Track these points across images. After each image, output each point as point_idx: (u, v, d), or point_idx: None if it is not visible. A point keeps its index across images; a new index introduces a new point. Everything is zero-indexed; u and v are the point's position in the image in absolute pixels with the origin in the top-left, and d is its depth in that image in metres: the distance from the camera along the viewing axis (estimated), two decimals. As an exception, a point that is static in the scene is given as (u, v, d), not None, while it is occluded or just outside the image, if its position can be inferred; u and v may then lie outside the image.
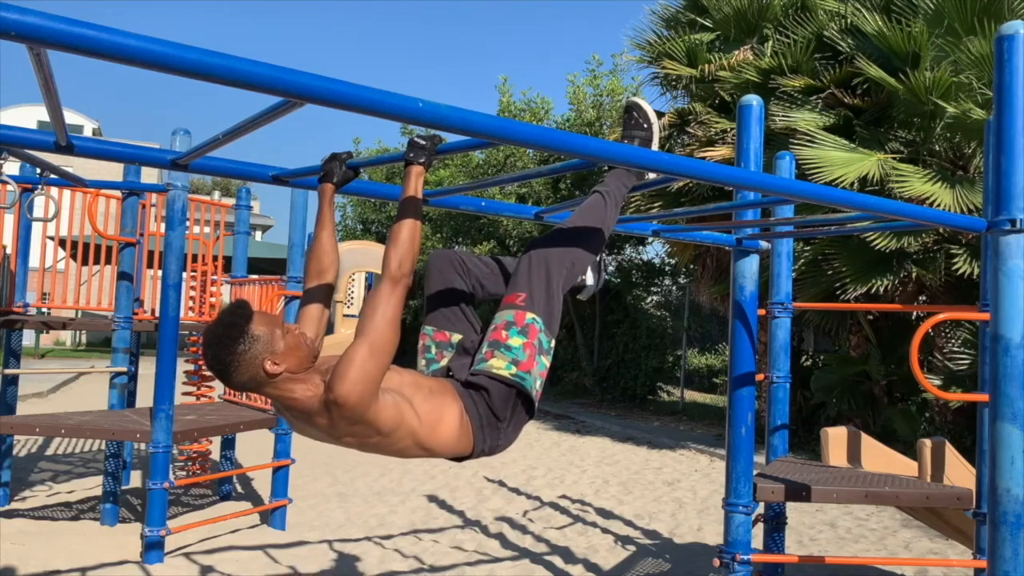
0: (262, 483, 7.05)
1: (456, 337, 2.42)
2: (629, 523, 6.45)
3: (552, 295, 2.35)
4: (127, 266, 6.13)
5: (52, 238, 7.47)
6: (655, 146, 2.66)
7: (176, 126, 5.95)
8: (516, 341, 2.25)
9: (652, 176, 2.64)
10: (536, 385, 2.26)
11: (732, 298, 3.35)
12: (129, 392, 6.58)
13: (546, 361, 2.31)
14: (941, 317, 3.07)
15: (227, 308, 1.99)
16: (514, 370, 2.22)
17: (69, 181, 4.25)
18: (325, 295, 2.28)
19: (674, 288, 17.02)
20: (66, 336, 29.14)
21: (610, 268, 15.78)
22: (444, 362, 2.39)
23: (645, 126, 2.67)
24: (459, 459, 2.25)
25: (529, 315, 2.29)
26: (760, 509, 4.38)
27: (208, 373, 7.14)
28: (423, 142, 2.16)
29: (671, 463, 9.27)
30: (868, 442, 4.43)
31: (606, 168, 2.64)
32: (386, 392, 2.00)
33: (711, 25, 10.26)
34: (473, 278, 2.53)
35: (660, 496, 7.48)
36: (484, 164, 16.28)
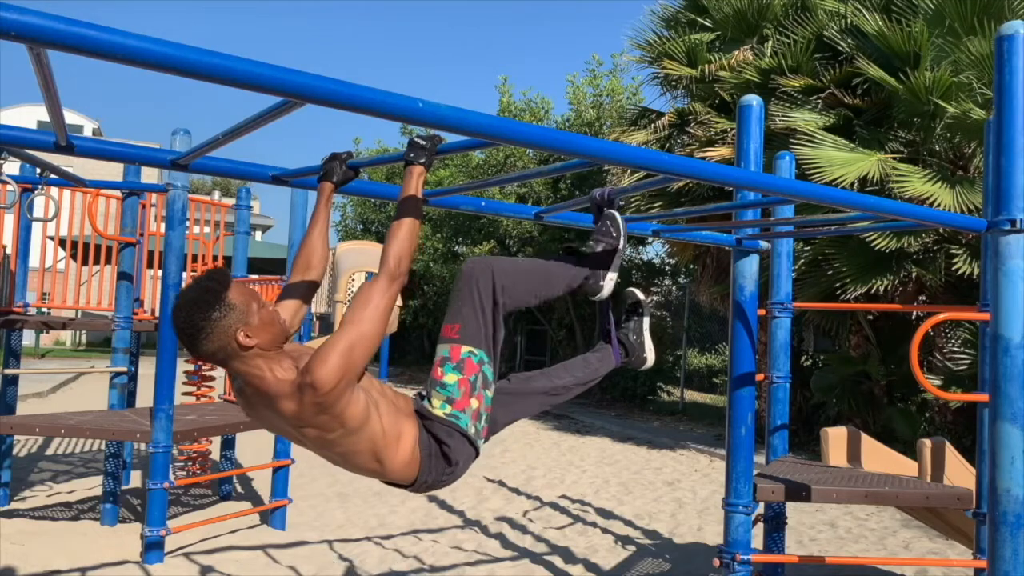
0: (262, 483, 7.05)
1: None
2: (629, 523, 6.45)
3: (487, 321, 2.22)
4: (127, 266, 6.13)
5: (52, 238, 7.47)
6: (619, 255, 2.49)
7: (176, 126, 5.95)
8: (451, 378, 2.17)
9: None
10: (473, 423, 2.17)
11: (732, 298, 3.35)
12: (129, 392, 6.58)
13: (490, 393, 2.22)
14: (941, 317, 3.07)
15: (205, 274, 1.96)
16: (448, 409, 2.14)
17: (69, 181, 4.25)
18: (306, 291, 2.27)
19: (674, 288, 17.03)
20: (66, 336, 29.14)
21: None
22: None
23: (614, 234, 2.52)
24: (398, 485, 2.19)
25: (465, 348, 2.18)
26: (760, 509, 4.38)
27: (208, 373, 7.14)
28: (423, 142, 2.16)
29: (671, 463, 9.27)
30: (868, 442, 4.43)
31: (606, 168, 2.63)
32: (359, 389, 1.98)
33: (711, 25, 10.27)
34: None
35: (660, 496, 7.48)
36: (484, 164, 16.29)
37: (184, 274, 5.62)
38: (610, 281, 2.47)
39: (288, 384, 1.92)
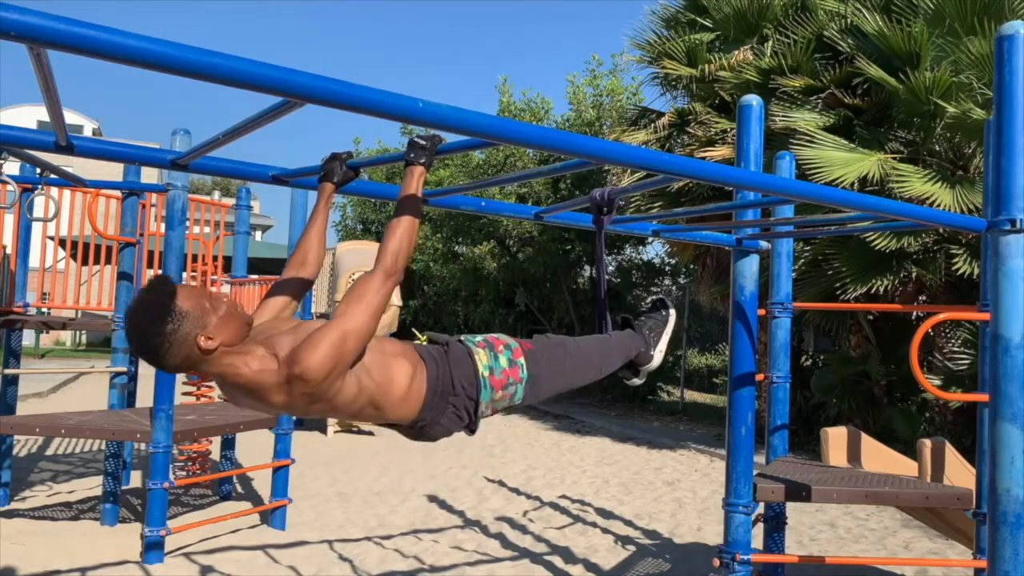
0: (262, 483, 7.05)
1: None
2: (629, 523, 6.45)
3: (552, 374, 2.37)
4: (127, 266, 6.13)
5: (52, 238, 7.47)
6: (668, 330, 2.75)
7: (176, 126, 5.95)
8: (504, 360, 2.27)
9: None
10: (487, 403, 2.23)
11: (732, 298, 3.35)
12: (129, 392, 6.57)
13: (503, 404, 2.29)
14: (941, 317, 3.07)
15: (146, 287, 1.88)
16: (486, 374, 2.22)
17: (69, 181, 4.26)
18: (298, 288, 2.26)
19: (674, 288, 17.03)
20: (66, 336, 29.14)
21: (610, 268, 15.78)
22: None
23: (664, 313, 2.76)
24: (395, 425, 2.20)
25: (523, 360, 2.30)
26: (760, 509, 4.37)
27: (208, 373, 7.13)
28: (423, 142, 2.16)
29: (671, 463, 9.27)
30: (868, 442, 4.43)
31: (606, 168, 2.66)
32: (350, 373, 1.96)
33: (711, 25, 10.27)
34: None
35: (660, 496, 7.48)
36: (484, 164, 16.29)
37: (184, 274, 5.63)
38: (660, 353, 2.69)
39: (272, 374, 1.88)
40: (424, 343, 2.28)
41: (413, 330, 2.35)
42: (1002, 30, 2.48)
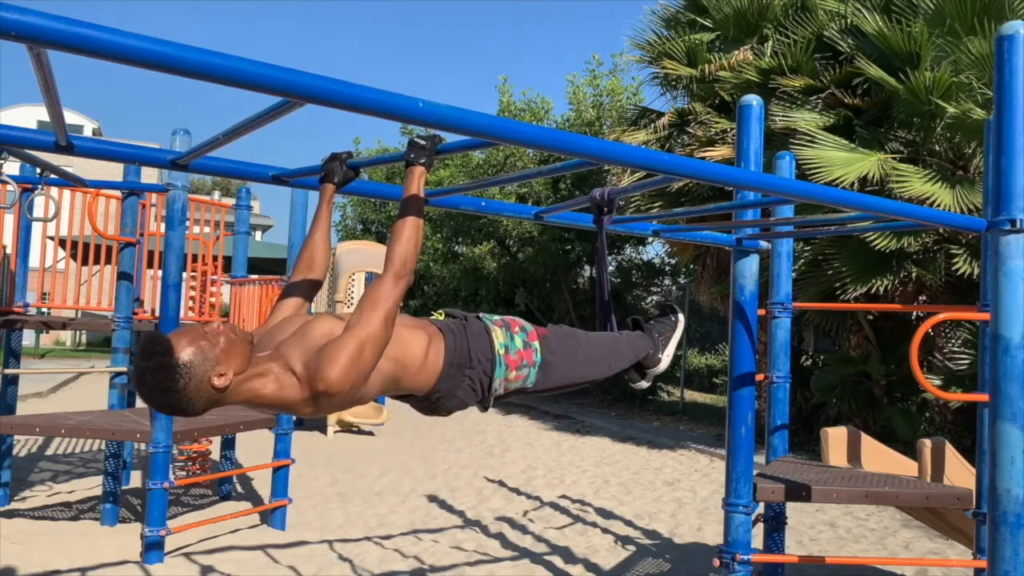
0: (262, 483, 7.05)
1: None
2: (629, 523, 6.45)
3: (565, 363, 2.37)
4: (127, 266, 6.13)
5: (52, 238, 7.47)
6: (676, 335, 2.79)
7: (176, 126, 5.95)
8: (519, 342, 2.28)
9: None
10: (500, 380, 2.24)
11: (732, 298, 3.35)
12: (129, 392, 6.57)
13: (515, 385, 2.29)
14: (941, 317, 3.07)
15: (142, 354, 1.83)
16: (501, 352, 2.23)
17: (69, 181, 4.25)
18: (308, 289, 2.27)
19: (674, 288, 17.04)
20: (66, 336, 29.13)
21: (610, 268, 15.77)
22: None
23: (673, 318, 2.79)
24: (410, 398, 2.22)
25: (538, 344, 2.31)
26: (760, 509, 4.37)
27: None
28: (423, 142, 2.16)
29: (671, 463, 9.27)
30: (868, 442, 4.43)
31: (606, 168, 2.66)
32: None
33: (711, 25, 10.27)
34: None
35: (660, 496, 7.48)
36: (484, 164, 16.29)
37: (184, 274, 5.62)
38: (667, 357, 2.73)
39: (295, 390, 1.91)
40: (441, 319, 2.30)
41: (431, 311, 2.37)
42: (1002, 30, 2.48)
